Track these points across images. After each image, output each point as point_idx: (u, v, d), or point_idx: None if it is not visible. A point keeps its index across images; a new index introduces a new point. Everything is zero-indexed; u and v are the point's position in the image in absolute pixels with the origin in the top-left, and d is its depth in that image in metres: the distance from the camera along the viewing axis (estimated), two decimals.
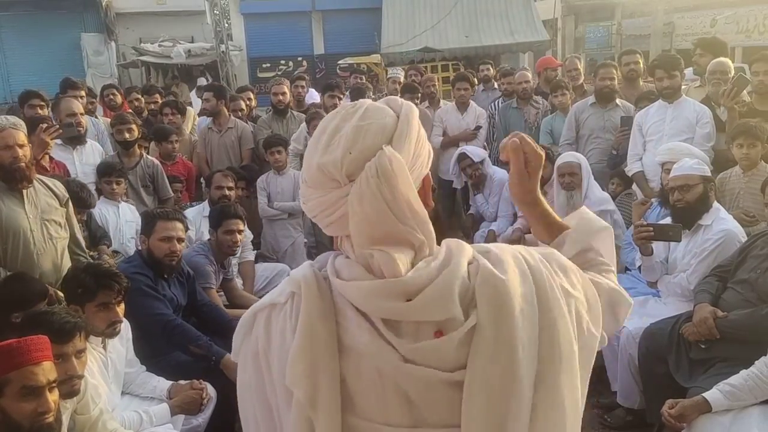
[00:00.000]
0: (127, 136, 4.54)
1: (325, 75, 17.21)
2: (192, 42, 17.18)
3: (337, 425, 0.92)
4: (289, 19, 19.15)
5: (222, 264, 3.89)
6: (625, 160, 4.58)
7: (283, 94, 5.83)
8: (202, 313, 3.45)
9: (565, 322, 0.95)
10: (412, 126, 0.96)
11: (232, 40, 17.04)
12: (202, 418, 2.89)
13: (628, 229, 3.94)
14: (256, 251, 4.68)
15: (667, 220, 3.39)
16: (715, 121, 4.21)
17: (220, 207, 3.97)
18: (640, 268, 3.49)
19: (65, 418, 2.09)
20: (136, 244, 4.07)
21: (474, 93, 6.57)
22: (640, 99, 4.86)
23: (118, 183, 4.22)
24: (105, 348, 2.64)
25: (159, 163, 4.79)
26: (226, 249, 3.80)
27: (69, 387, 2.08)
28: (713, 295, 2.94)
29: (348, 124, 0.94)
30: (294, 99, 6.24)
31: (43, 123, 3.73)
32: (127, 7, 18.17)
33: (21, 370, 1.77)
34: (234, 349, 1.04)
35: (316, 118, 5.08)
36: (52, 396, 1.84)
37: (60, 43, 17.78)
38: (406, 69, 8.93)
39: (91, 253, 3.51)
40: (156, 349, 3.08)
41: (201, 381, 2.88)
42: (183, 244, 3.32)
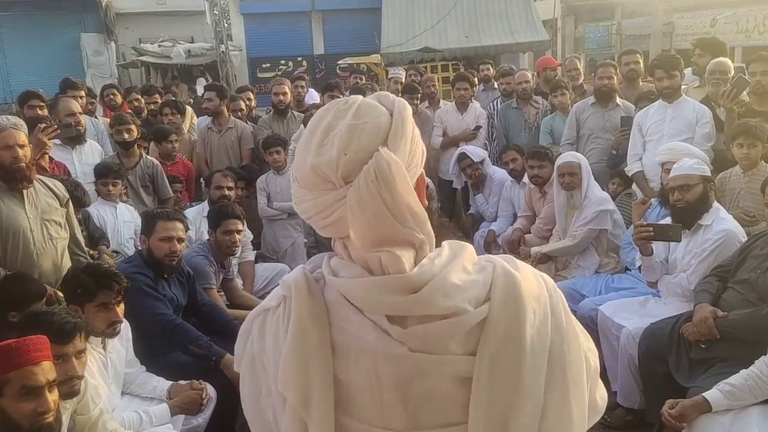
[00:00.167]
0: (126, 136, 4.54)
1: (325, 75, 17.25)
2: (192, 42, 17.22)
3: (330, 426, 0.91)
4: (289, 19, 19.17)
5: (222, 264, 3.88)
6: (625, 160, 4.57)
7: (284, 94, 5.84)
8: (203, 313, 3.44)
9: (573, 327, 0.98)
10: (407, 125, 0.93)
11: (231, 40, 17.09)
12: (202, 418, 2.89)
13: (628, 229, 3.94)
14: (256, 251, 4.68)
15: (667, 220, 3.39)
16: (714, 121, 4.21)
17: (218, 207, 3.95)
18: (640, 268, 3.49)
19: (65, 419, 2.09)
20: (135, 245, 4.07)
21: (474, 93, 6.57)
22: (640, 99, 4.86)
23: (114, 184, 4.20)
24: (105, 348, 2.64)
25: (159, 164, 4.79)
26: (225, 249, 3.79)
27: (69, 387, 2.08)
28: (713, 295, 2.93)
29: (341, 123, 0.91)
30: (294, 99, 6.24)
31: (41, 123, 3.73)
32: (126, 7, 18.20)
33: (20, 370, 1.77)
34: (236, 359, 1.04)
35: None
36: (52, 396, 1.84)
37: (60, 43, 17.81)
38: (406, 69, 8.93)
39: (91, 253, 3.50)
40: (156, 350, 3.08)
41: (201, 381, 2.88)
42: (183, 244, 3.32)
